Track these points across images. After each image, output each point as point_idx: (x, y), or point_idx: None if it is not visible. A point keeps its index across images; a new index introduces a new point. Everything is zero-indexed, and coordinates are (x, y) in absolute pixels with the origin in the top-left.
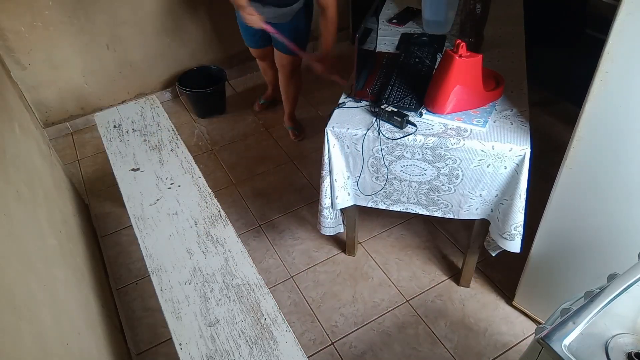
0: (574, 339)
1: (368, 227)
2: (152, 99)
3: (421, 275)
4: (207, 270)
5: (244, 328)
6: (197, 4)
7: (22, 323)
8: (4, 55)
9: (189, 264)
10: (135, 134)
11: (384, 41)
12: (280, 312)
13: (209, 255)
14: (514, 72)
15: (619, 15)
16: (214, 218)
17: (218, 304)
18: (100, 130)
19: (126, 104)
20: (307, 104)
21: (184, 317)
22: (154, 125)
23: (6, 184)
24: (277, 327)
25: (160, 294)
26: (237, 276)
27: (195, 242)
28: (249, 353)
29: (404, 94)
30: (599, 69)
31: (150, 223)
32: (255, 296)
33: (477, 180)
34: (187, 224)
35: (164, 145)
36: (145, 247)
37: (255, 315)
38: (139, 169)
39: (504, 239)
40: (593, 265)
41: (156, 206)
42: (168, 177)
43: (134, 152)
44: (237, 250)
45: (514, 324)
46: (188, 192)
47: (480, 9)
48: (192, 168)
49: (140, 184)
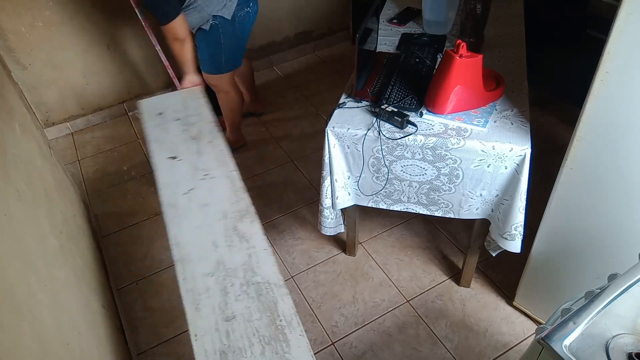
0: (574, 339)
1: (368, 227)
2: (196, 90)
3: (421, 275)
4: (230, 264)
5: (259, 327)
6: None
7: (22, 323)
8: (4, 55)
9: (213, 257)
10: (177, 123)
11: (384, 41)
12: (297, 316)
13: (234, 249)
14: (515, 72)
15: (619, 15)
16: (242, 213)
17: (237, 299)
18: (143, 117)
19: (170, 93)
20: (307, 103)
21: (203, 309)
22: (195, 115)
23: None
24: (291, 330)
25: (182, 283)
26: (258, 274)
27: (221, 235)
28: (260, 353)
29: (405, 94)
30: (600, 69)
31: (180, 212)
32: (273, 296)
33: (477, 180)
34: (215, 217)
35: (203, 136)
36: (173, 235)
37: (271, 316)
38: (176, 157)
39: (504, 239)
40: (593, 266)
41: (188, 196)
42: (203, 168)
43: (173, 141)
44: (262, 247)
45: (515, 324)
46: (220, 185)
47: (481, 9)
48: (228, 161)
49: (176, 173)
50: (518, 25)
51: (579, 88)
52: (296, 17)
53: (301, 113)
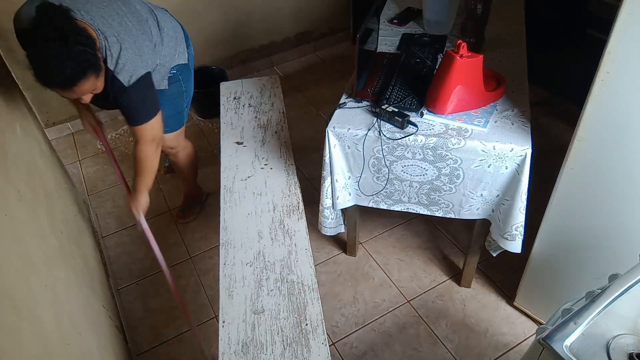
0: (575, 339)
1: (369, 227)
2: (275, 79)
3: (422, 275)
4: (270, 258)
5: (284, 326)
6: (198, 5)
7: (23, 323)
8: (4, 55)
9: (256, 247)
10: (250, 109)
11: (385, 41)
12: (323, 323)
13: (276, 243)
14: (515, 72)
15: (620, 16)
16: (292, 208)
17: (269, 294)
18: (221, 99)
19: (250, 79)
20: (308, 103)
21: (235, 297)
22: (268, 104)
23: (7, 184)
24: (315, 337)
25: (222, 267)
26: (294, 272)
27: (267, 227)
28: (280, 353)
29: (405, 94)
30: (600, 69)
31: (235, 197)
32: (304, 298)
33: (478, 180)
34: (266, 207)
35: (271, 125)
36: (224, 219)
37: (298, 317)
38: (242, 143)
39: (505, 239)
40: (594, 266)
41: (245, 182)
42: (264, 157)
43: (243, 126)
44: (303, 246)
45: (515, 325)
46: (277, 177)
47: (481, 9)
48: (288, 154)
49: (239, 158)
50: (519, 25)
51: (580, 88)
52: (296, 17)
53: (301, 113)
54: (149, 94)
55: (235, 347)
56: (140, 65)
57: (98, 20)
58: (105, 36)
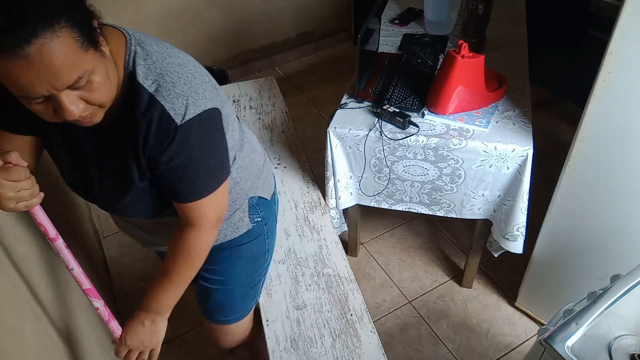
0: (576, 340)
1: (370, 227)
2: (271, 80)
3: (423, 276)
4: (301, 254)
5: (329, 319)
6: (199, 5)
7: (24, 323)
8: None
9: (285, 245)
10: (251, 111)
11: (386, 42)
12: (367, 312)
13: (305, 239)
14: (517, 73)
15: (622, 16)
16: (314, 204)
17: (307, 289)
18: None
19: (246, 81)
20: (309, 104)
21: (274, 295)
22: (269, 104)
23: None
24: (362, 326)
25: None
26: (328, 265)
27: (293, 225)
28: (331, 345)
29: (406, 95)
30: (602, 70)
31: None
32: (344, 289)
33: (479, 180)
34: (287, 205)
35: (276, 125)
36: None
37: (342, 309)
38: None
39: (506, 240)
40: (596, 267)
41: None
42: (276, 157)
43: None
44: (332, 240)
45: (517, 325)
46: (293, 175)
47: (483, 10)
48: (300, 152)
49: None
50: (520, 25)
51: (581, 88)
52: (298, 18)
53: (303, 113)
54: (217, 140)
55: (284, 344)
56: (202, 94)
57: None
58: (140, 44)
